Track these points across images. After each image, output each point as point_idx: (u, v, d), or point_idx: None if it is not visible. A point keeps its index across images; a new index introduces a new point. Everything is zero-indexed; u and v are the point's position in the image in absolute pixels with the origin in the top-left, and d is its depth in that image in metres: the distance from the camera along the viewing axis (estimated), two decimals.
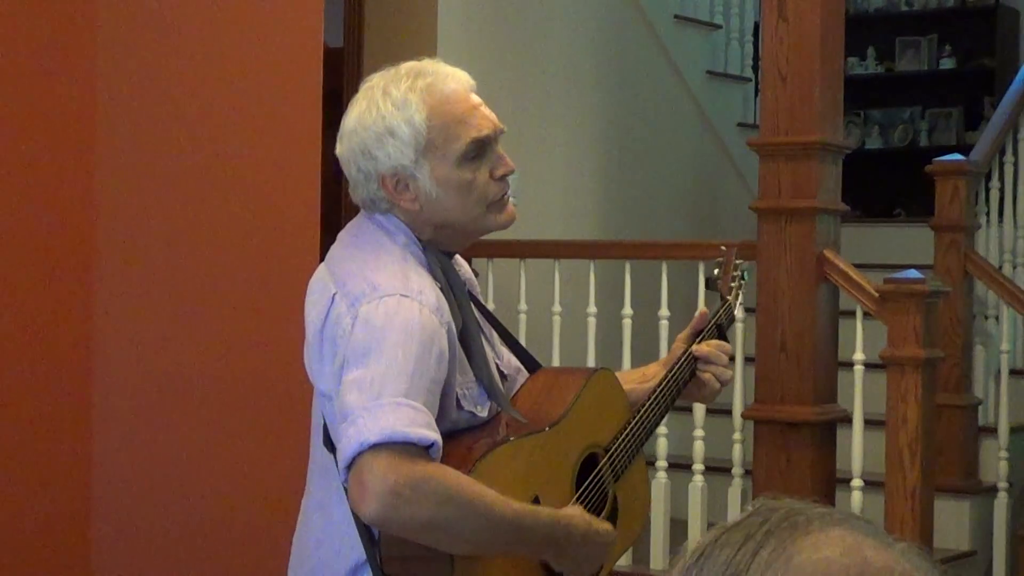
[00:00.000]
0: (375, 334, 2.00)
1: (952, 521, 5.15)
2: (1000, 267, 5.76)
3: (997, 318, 5.55)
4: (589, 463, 2.25)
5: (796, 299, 4.52)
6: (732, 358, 2.83)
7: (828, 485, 4.54)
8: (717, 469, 4.94)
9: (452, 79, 2.17)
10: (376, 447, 1.91)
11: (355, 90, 2.22)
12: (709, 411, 4.82)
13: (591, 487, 2.23)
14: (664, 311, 4.91)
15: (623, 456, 2.30)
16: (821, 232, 4.55)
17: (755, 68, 6.88)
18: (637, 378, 2.46)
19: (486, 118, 2.17)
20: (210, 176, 3.40)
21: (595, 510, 2.21)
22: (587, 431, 2.26)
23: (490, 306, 5.17)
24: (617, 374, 2.44)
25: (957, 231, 5.39)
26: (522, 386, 2.33)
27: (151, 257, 3.29)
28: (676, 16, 6.75)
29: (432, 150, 2.12)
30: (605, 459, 2.27)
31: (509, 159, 2.19)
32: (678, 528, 4.91)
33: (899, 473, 4.26)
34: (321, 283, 2.15)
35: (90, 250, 3.18)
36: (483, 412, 2.17)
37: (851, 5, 7.93)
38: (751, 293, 4.74)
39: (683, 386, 2.45)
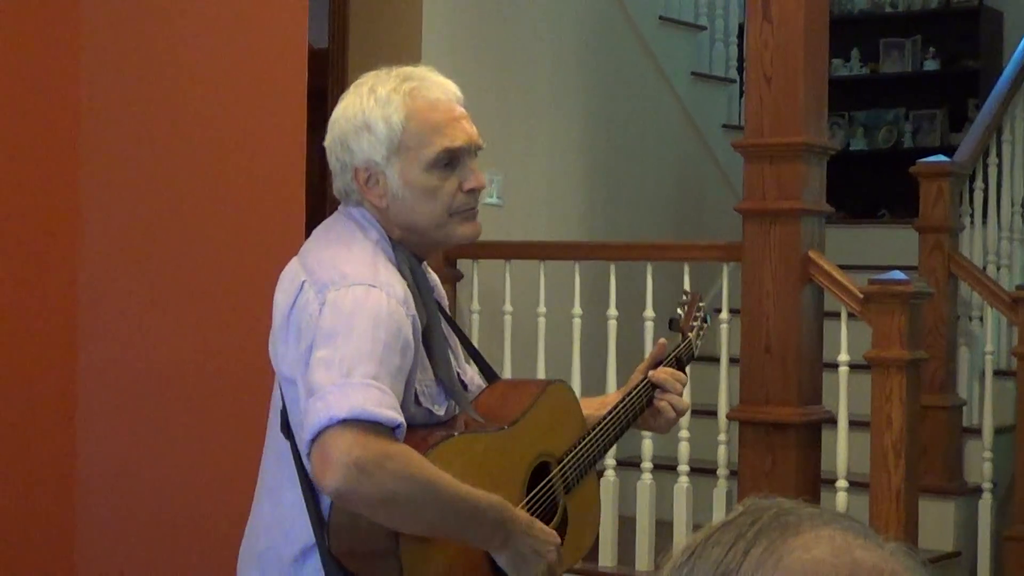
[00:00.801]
0: (343, 319, 2.04)
1: (937, 522, 5.16)
2: (984, 268, 5.77)
3: (981, 319, 5.55)
4: (541, 470, 2.27)
5: (781, 300, 4.52)
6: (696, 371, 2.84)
7: (813, 486, 4.54)
8: (702, 470, 4.94)
9: (438, 88, 2.22)
10: (344, 423, 1.94)
11: (340, 91, 2.26)
12: (694, 412, 4.81)
13: (542, 493, 2.26)
14: (649, 312, 4.91)
15: (575, 469, 2.33)
16: (806, 233, 4.55)
17: (740, 69, 6.88)
18: (596, 405, 2.49)
19: (463, 131, 2.21)
20: (195, 175, 3.40)
21: (545, 517, 2.24)
22: (541, 438, 2.29)
23: (475, 307, 5.17)
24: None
25: (941, 232, 5.41)
26: (479, 394, 2.36)
27: (136, 255, 3.29)
28: (661, 17, 6.75)
29: (404, 151, 2.17)
30: (557, 468, 2.29)
31: (481, 175, 2.24)
32: (663, 529, 4.90)
33: (884, 474, 4.26)
34: (291, 272, 2.20)
35: (75, 247, 3.17)
36: (441, 411, 2.20)
37: (835, 6, 7.94)
38: (735, 294, 4.76)
39: (640, 412, 2.49)
